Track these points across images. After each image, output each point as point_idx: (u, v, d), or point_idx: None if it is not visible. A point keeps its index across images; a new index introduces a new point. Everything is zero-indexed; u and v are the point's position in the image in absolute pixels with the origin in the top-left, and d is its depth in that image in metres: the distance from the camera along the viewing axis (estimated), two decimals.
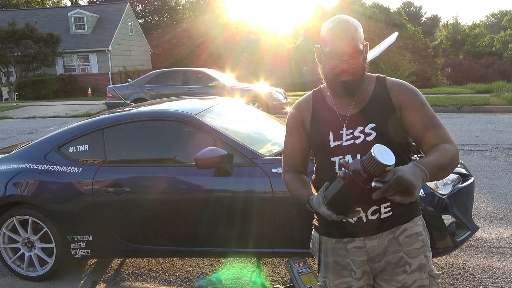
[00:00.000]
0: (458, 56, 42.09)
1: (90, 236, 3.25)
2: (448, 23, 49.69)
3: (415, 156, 2.91)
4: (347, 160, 1.54)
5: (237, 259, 3.61)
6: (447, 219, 2.91)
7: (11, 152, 3.64)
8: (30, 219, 3.35)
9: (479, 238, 3.83)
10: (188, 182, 3.11)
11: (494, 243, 3.74)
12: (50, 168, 3.31)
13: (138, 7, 37.03)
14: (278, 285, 3.15)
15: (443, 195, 2.92)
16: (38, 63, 23.22)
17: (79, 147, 3.34)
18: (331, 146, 1.60)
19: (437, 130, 1.56)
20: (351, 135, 1.58)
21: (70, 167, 3.27)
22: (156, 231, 3.18)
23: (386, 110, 1.58)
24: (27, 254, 3.44)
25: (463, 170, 3.32)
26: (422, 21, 49.43)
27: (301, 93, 16.40)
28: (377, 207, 1.56)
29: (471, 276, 3.20)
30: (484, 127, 9.23)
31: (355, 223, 1.59)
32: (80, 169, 3.25)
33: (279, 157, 2.95)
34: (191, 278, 3.41)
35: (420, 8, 54.28)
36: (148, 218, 3.16)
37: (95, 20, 28.51)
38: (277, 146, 3.30)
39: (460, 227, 3.00)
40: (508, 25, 42.89)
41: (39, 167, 3.33)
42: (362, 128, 1.58)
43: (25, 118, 14.44)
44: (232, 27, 33.31)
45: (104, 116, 3.52)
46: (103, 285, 3.38)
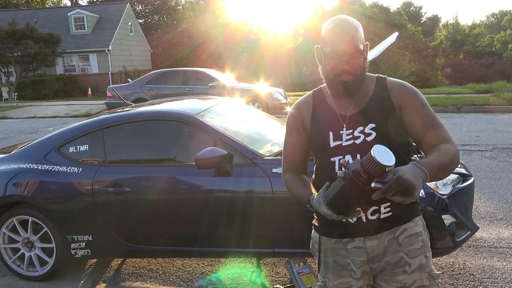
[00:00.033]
0: (458, 56, 42.09)
1: (90, 236, 3.25)
2: (448, 23, 49.72)
3: (415, 156, 2.91)
4: (347, 160, 1.54)
5: (237, 259, 3.61)
6: (447, 219, 2.91)
7: (11, 152, 3.64)
8: (30, 219, 3.35)
9: (479, 238, 3.83)
10: (188, 182, 3.12)
11: (494, 243, 3.74)
12: (50, 168, 3.31)
13: (138, 7, 37.03)
14: (278, 285, 3.15)
15: (443, 195, 2.92)
16: (38, 63, 23.23)
17: (79, 147, 3.34)
18: (331, 146, 1.60)
19: (437, 130, 1.56)
20: (351, 135, 1.58)
21: (70, 167, 3.27)
22: (156, 231, 3.18)
23: (386, 110, 1.58)
24: (27, 254, 3.44)
25: (463, 170, 3.32)
26: (422, 21, 49.43)
27: (301, 93, 16.39)
28: (377, 207, 1.56)
29: (471, 276, 3.20)
30: (484, 127, 9.23)
31: (355, 223, 1.59)
32: (80, 169, 3.25)
33: (279, 157, 2.95)
34: (191, 278, 3.41)
35: (420, 8, 54.31)
36: (148, 218, 3.16)
37: (95, 20, 28.51)
38: (277, 146, 3.30)
39: (460, 227, 3.00)
40: (508, 25, 42.89)
41: (39, 167, 3.33)
42: (362, 128, 1.58)
43: (25, 118, 14.45)
44: (232, 27, 33.31)
45: (104, 116, 3.52)
46: (103, 285, 3.38)
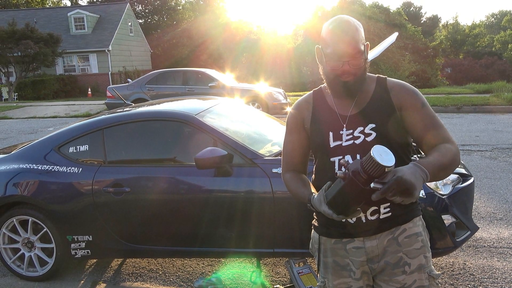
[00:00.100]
0: (458, 56, 42.08)
1: (90, 236, 3.25)
2: (448, 23, 49.73)
3: (415, 156, 2.91)
4: (347, 160, 1.54)
5: (237, 259, 3.61)
6: (447, 219, 2.91)
7: (11, 152, 3.64)
8: (30, 219, 3.35)
9: (479, 238, 3.83)
10: (188, 182, 3.12)
11: (494, 243, 3.74)
12: (50, 168, 3.31)
13: (138, 7, 37.03)
14: (278, 285, 3.15)
15: (443, 195, 2.92)
16: (38, 63, 23.23)
17: (79, 147, 3.34)
18: (331, 146, 1.60)
19: (437, 130, 1.56)
20: (351, 136, 1.58)
21: (70, 167, 3.27)
22: (156, 231, 3.18)
23: (386, 111, 1.58)
24: (27, 254, 3.44)
25: (463, 170, 3.32)
26: (422, 21, 49.42)
27: (301, 93, 16.39)
28: (377, 208, 1.56)
29: (471, 276, 3.20)
30: (484, 127, 9.23)
31: (354, 223, 1.59)
32: (80, 169, 3.25)
33: (279, 157, 2.95)
34: (191, 278, 3.41)
35: (420, 8, 54.26)
36: (148, 218, 3.16)
37: (95, 20, 28.51)
38: (277, 146, 3.30)
39: (460, 227, 3.00)
40: (508, 25, 42.87)
41: (39, 167, 3.33)
42: (362, 128, 1.58)
43: (25, 118, 14.45)
44: (232, 27, 33.30)
45: (104, 116, 3.52)
46: (103, 285, 3.38)
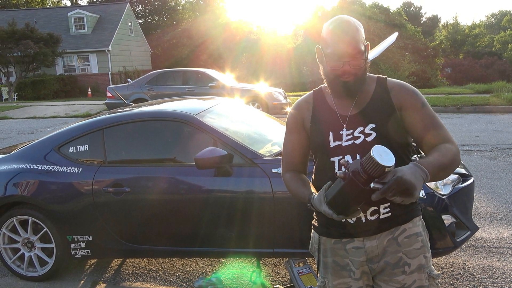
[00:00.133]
0: (458, 56, 42.06)
1: (90, 236, 3.25)
2: (448, 23, 49.72)
3: (415, 156, 2.91)
4: (347, 160, 1.54)
5: (237, 259, 3.61)
6: (447, 219, 2.91)
7: (11, 152, 3.64)
8: (30, 219, 3.35)
9: (479, 238, 3.83)
10: (188, 182, 3.12)
11: (494, 243, 3.74)
12: (50, 168, 3.31)
13: (138, 7, 37.03)
14: (278, 285, 3.15)
15: (443, 195, 2.92)
16: (38, 63, 23.23)
17: (79, 147, 3.34)
18: (331, 146, 1.60)
19: (437, 130, 1.56)
20: (351, 136, 1.58)
21: (70, 167, 3.27)
22: (156, 231, 3.18)
23: (386, 111, 1.58)
24: (27, 254, 3.44)
25: (463, 170, 3.32)
26: (422, 21, 49.41)
27: (301, 93, 16.39)
28: (376, 208, 1.56)
29: (471, 276, 3.20)
30: (484, 127, 9.23)
31: (354, 223, 1.59)
32: (80, 169, 3.25)
33: (279, 157, 2.94)
34: (191, 278, 3.41)
35: (420, 8, 54.23)
36: (148, 218, 3.16)
37: (95, 20, 28.51)
38: (277, 146, 3.30)
39: (460, 227, 3.00)
40: (508, 25, 42.85)
41: (39, 167, 3.33)
42: (362, 128, 1.58)
43: (25, 118, 14.45)
44: (232, 28, 33.30)
45: (104, 116, 3.52)
46: (103, 285, 3.38)
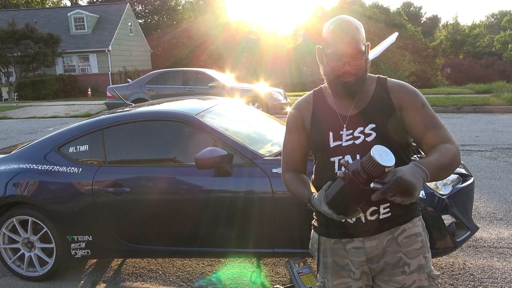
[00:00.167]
0: (458, 57, 42.05)
1: (90, 236, 3.25)
2: (448, 23, 49.71)
3: (415, 156, 2.91)
4: (347, 160, 1.54)
5: (237, 259, 3.61)
6: (447, 219, 2.91)
7: (11, 152, 3.64)
8: (30, 219, 3.35)
9: (479, 238, 3.83)
10: (188, 182, 3.12)
11: (494, 243, 3.74)
12: (50, 168, 3.31)
13: (138, 7, 37.03)
14: (278, 285, 3.15)
15: (443, 195, 2.92)
16: (38, 63, 23.23)
17: (79, 147, 3.34)
18: (331, 146, 1.60)
19: (437, 130, 1.56)
20: (351, 136, 1.58)
21: (70, 167, 3.27)
22: (156, 231, 3.18)
23: (387, 111, 1.58)
24: (27, 254, 3.44)
25: (463, 170, 3.32)
26: (422, 22, 49.40)
27: (301, 93, 16.40)
28: (376, 208, 1.56)
29: (471, 276, 3.20)
30: (484, 127, 9.23)
31: (354, 224, 1.59)
32: (80, 169, 3.25)
33: (279, 157, 2.94)
34: (191, 278, 3.41)
35: (420, 8, 54.21)
36: (148, 218, 3.16)
37: (95, 20, 28.51)
38: (277, 146, 3.30)
39: (460, 227, 3.00)
40: (508, 26, 42.82)
41: (39, 167, 3.33)
42: (362, 128, 1.58)
43: (25, 118, 14.45)
44: (232, 28, 33.30)
45: (104, 116, 3.52)
46: (103, 285, 3.38)
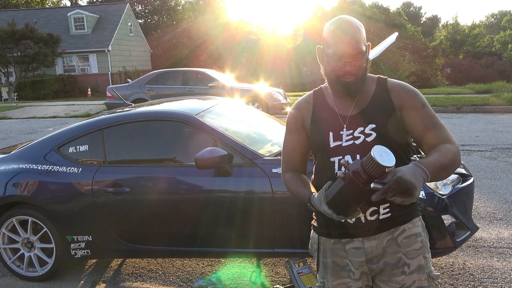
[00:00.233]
0: (457, 57, 42.05)
1: (90, 236, 3.24)
2: (448, 23, 49.68)
3: (415, 157, 2.91)
4: (347, 160, 1.53)
5: (237, 259, 3.61)
6: (447, 219, 2.91)
7: (11, 152, 3.64)
8: (29, 219, 3.35)
9: (479, 238, 3.83)
10: (188, 182, 3.11)
11: (494, 243, 3.74)
12: (50, 168, 3.31)
13: (137, 7, 37.03)
14: (278, 285, 3.15)
15: (443, 195, 2.92)
16: (38, 63, 23.23)
17: (79, 147, 3.34)
18: (331, 146, 1.60)
19: (437, 130, 1.56)
20: (351, 136, 1.58)
21: (70, 167, 3.27)
22: (156, 231, 3.18)
23: (387, 111, 1.58)
24: (26, 255, 3.44)
25: (462, 170, 3.32)
26: (422, 22, 49.43)
27: (301, 93, 16.40)
28: (376, 208, 1.56)
29: (471, 276, 3.20)
30: (484, 127, 9.23)
31: (353, 224, 1.59)
32: (80, 169, 3.25)
33: (279, 157, 2.94)
34: (191, 278, 3.41)
35: (420, 8, 54.21)
36: (148, 219, 3.16)
37: (95, 20, 28.51)
38: (277, 146, 3.30)
39: (460, 227, 3.00)
40: (507, 26, 42.82)
41: (39, 167, 3.33)
42: (362, 128, 1.58)
43: (25, 118, 14.44)
44: (232, 28, 33.30)
45: (104, 116, 3.52)
46: (103, 285, 3.38)
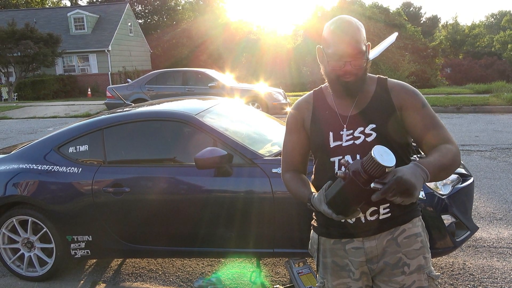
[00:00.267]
0: (457, 57, 42.05)
1: (90, 236, 3.24)
2: (448, 23, 49.71)
3: (415, 157, 2.92)
4: (347, 160, 1.54)
5: (237, 259, 3.61)
6: (447, 219, 2.91)
7: (11, 152, 3.64)
8: (29, 220, 3.35)
9: (479, 238, 3.83)
10: (188, 182, 3.11)
11: (493, 243, 3.74)
12: (50, 168, 3.31)
13: (137, 7, 37.04)
14: (278, 285, 3.15)
15: (443, 195, 2.92)
16: (38, 63, 23.24)
17: (79, 147, 3.34)
18: (331, 146, 1.60)
19: (437, 131, 1.56)
20: (351, 136, 1.58)
21: (70, 167, 3.27)
22: (156, 231, 3.18)
23: (387, 111, 1.58)
24: (26, 255, 3.44)
25: (462, 170, 3.32)
26: (422, 22, 49.44)
27: (301, 93, 16.39)
28: (376, 208, 1.56)
29: (471, 276, 3.20)
30: (484, 127, 9.23)
31: (353, 224, 1.59)
32: (80, 169, 3.25)
33: (279, 157, 2.95)
34: (191, 278, 3.41)
35: (420, 8, 54.25)
36: (148, 219, 3.16)
37: (95, 20, 28.51)
38: (277, 146, 3.30)
39: (460, 227, 3.00)
40: (507, 26, 42.80)
41: (39, 167, 3.33)
42: (362, 128, 1.58)
43: (25, 118, 14.44)
44: (232, 28, 33.31)
45: (104, 116, 3.52)
46: (103, 285, 3.38)
